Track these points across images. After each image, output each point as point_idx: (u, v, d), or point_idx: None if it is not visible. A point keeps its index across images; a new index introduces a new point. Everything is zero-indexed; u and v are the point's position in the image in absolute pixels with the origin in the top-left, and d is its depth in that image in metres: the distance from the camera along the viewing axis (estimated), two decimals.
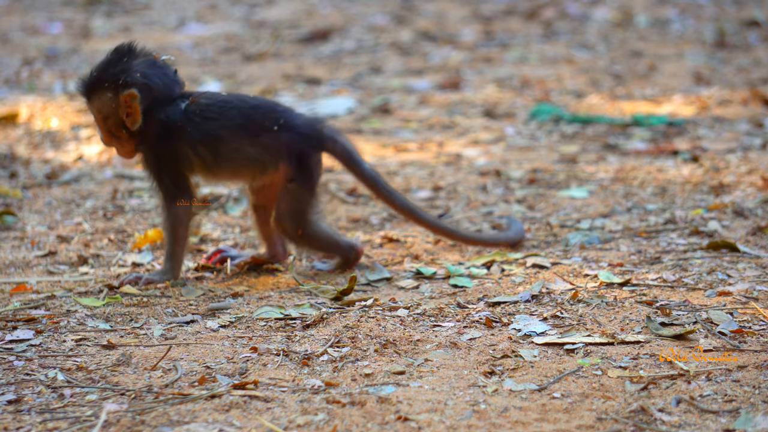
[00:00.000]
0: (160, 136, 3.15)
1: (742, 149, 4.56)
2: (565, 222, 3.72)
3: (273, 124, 3.18)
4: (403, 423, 2.32)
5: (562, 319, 2.86)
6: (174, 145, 3.15)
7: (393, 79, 6.07)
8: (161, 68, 3.17)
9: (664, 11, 7.55)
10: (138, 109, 3.11)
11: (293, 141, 3.19)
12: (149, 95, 3.12)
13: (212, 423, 2.32)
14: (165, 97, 3.15)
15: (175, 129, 3.14)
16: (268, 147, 3.18)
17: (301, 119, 3.23)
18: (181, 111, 3.14)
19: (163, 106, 3.14)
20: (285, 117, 3.20)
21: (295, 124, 3.20)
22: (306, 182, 3.22)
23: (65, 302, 3.05)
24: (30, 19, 7.95)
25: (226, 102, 3.19)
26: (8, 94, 5.84)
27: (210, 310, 3.00)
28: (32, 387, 2.51)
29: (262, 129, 3.17)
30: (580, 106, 5.40)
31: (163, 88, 3.14)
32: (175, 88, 3.18)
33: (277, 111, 3.21)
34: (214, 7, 8.20)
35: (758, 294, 2.98)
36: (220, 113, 3.16)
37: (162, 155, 3.16)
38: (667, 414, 2.34)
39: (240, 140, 3.16)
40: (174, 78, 3.19)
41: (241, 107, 3.18)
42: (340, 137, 3.27)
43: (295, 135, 3.19)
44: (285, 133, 3.18)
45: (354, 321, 2.85)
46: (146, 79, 3.12)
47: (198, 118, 3.15)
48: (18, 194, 4.14)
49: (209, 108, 3.16)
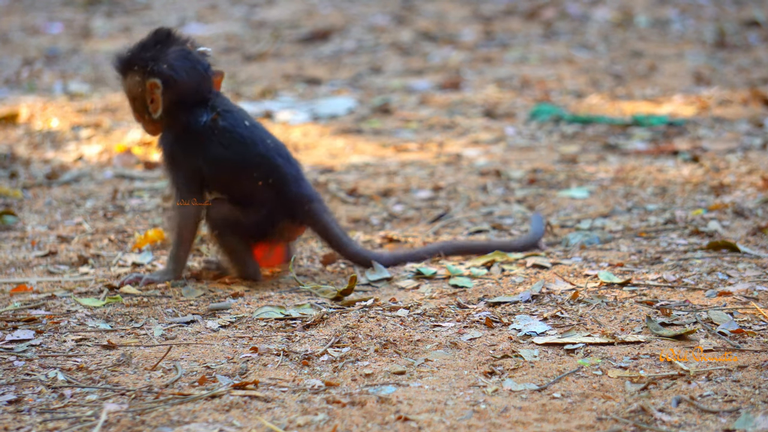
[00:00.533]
0: (179, 136, 3.16)
1: (743, 149, 4.56)
2: (566, 222, 3.72)
3: (269, 178, 3.18)
4: (403, 423, 2.32)
5: (563, 320, 2.86)
6: (188, 149, 3.16)
7: (393, 79, 6.07)
8: (192, 62, 3.15)
9: (665, 11, 7.55)
10: (160, 99, 3.13)
11: (275, 201, 3.19)
12: (174, 89, 3.13)
13: (212, 423, 2.32)
14: (192, 95, 3.15)
15: (192, 137, 3.16)
16: (257, 194, 3.18)
17: (294, 190, 3.21)
18: (201, 122, 3.15)
19: (188, 108, 3.15)
20: (282, 180, 3.19)
21: (288, 193, 3.20)
22: (255, 231, 3.21)
23: (65, 302, 3.05)
24: (30, 19, 7.95)
25: (242, 137, 3.17)
26: (8, 94, 5.84)
27: (210, 310, 3.00)
28: (32, 387, 2.51)
29: (260, 179, 3.18)
30: (580, 106, 5.40)
31: (189, 83, 3.14)
32: (204, 86, 3.17)
33: (279, 169, 3.19)
34: (214, 7, 8.20)
35: (758, 294, 2.98)
36: (230, 145, 3.16)
37: (176, 154, 3.17)
38: (668, 414, 2.34)
39: (238, 177, 3.17)
40: (204, 74, 3.17)
41: (251, 149, 3.17)
42: (324, 217, 3.25)
43: (282, 201, 3.19)
44: (275, 194, 3.19)
45: (354, 321, 2.85)
46: (173, 72, 3.12)
47: (213, 138, 3.15)
48: (18, 194, 4.14)
49: (224, 134, 3.16)
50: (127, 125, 5.20)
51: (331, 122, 5.25)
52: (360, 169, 4.48)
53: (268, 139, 3.22)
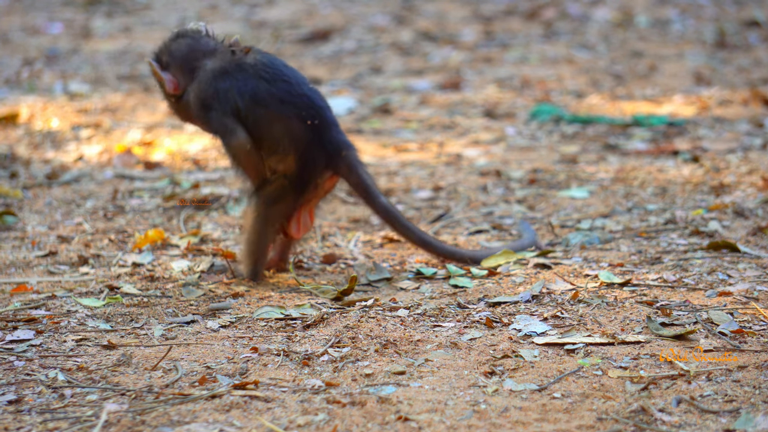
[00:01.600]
0: (204, 80, 3.18)
1: (743, 149, 4.56)
2: (566, 222, 3.72)
3: (315, 119, 3.15)
4: (404, 423, 2.32)
5: (563, 320, 2.86)
6: (220, 84, 3.16)
7: (393, 79, 6.07)
8: (180, 34, 3.26)
9: (665, 11, 7.55)
10: (159, 73, 3.21)
11: (314, 145, 3.16)
12: (168, 58, 3.22)
13: (213, 423, 2.32)
14: (192, 54, 3.21)
15: (220, 73, 3.16)
16: (292, 133, 3.15)
17: (334, 136, 3.19)
18: (227, 59, 3.16)
19: (200, 62, 3.19)
20: (324, 124, 3.16)
21: (329, 138, 3.18)
22: (297, 185, 3.20)
23: (66, 302, 3.05)
24: (30, 19, 7.95)
25: (284, 74, 3.16)
26: (8, 94, 5.84)
27: (210, 311, 3.00)
28: (33, 387, 2.51)
29: (307, 119, 3.15)
30: (580, 106, 5.40)
31: (181, 49, 3.22)
32: (201, 44, 3.22)
33: (322, 112, 3.17)
34: (214, 7, 8.20)
35: (758, 294, 2.98)
36: (273, 80, 3.14)
37: (207, 96, 3.18)
38: (668, 414, 2.34)
39: (282, 116, 3.13)
40: (195, 36, 3.23)
41: (296, 88, 3.15)
42: (359, 168, 3.23)
43: (321, 143, 3.17)
44: (313, 134, 3.16)
45: (354, 321, 2.85)
46: (163, 46, 3.26)
47: (250, 70, 3.14)
48: (18, 194, 4.14)
49: (266, 68, 3.15)
50: (127, 125, 5.20)
51: None
52: None
53: (308, 82, 3.22)
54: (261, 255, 3.22)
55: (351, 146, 3.23)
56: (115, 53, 6.89)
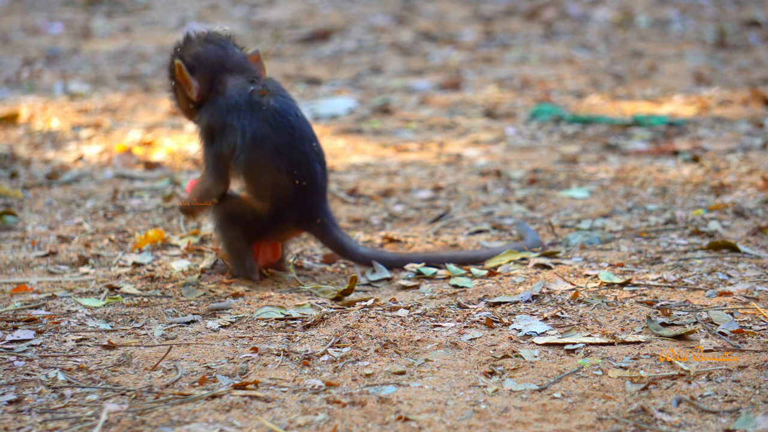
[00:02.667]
0: (219, 106, 3.14)
1: (743, 149, 4.56)
2: (566, 222, 3.72)
3: (303, 181, 3.14)
4: (404, 423, 2.32)
5: (563, 320, 2.86)
6: (229, 119, 3.13)
7: (393, 79, 6.07)
8: (209, 39, 3.21)
9: (665, 11, 7.55)
10: (187, 76, 3.15)
11: (293, 205, 3.16)
12: (197, 63, 3.17)
13: (213, 423, 2.32)
14: (219, 67, 3.17)
15: (233, 107, 3.13)
16: (280, 191, 3.14)
17: (316, 202, 3.18)
18: (246, 93, 3.13)
19: (223, 80, 3.16)
20: (311, 188, 3.15)
21: (311, 202, 3.17)
22: (258, 225, 3.19)
23: (66, 302, 3.05)
24: (30, 19, 7.95)
25: (291, 126, 3.12)
26: (9, 94, 5.84)
27: (210, 311, 3.00)
28: (33, 387, 2.51)
29: (296, 178, 3.14)
30: (580, 106, 5.40)
31: (210, 56, 3.17)
32: (230, 58, 3.19)
33: (315, 177, 3.15)
34: (214, 7, 8.20)
35: (759, 294, 2.98)
36: (278, 128, 3.11)
37: (214, 125, 3.15)
38: (668, 414, 2.34)
39: (273, 165, 3.12)
40: (226, 48, 3.20)
41: (298, 144, 3.13)
42: (334, 231, 3.23)
43: (300, 205, 3.16)
44: (297, 195, 3.15)
45: (354, 321, 2.85)
46: (190, 47, 3.20)
47: (259, 113, 3.11)
48: (18, 194, 4.14)
49: (274, 114, 3.11)
50: (127, 125, 5.20)
51: (331, 122, 5.25)
52: (360, 169, 4.48)
53: (314, 141, 3.19)
54: (243, 254, 3.22)
55: (329, 214, 3.22)
56: (115, 53, 6.89)
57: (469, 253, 3.34)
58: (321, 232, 3.23)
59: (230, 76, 3.17)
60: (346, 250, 3.25)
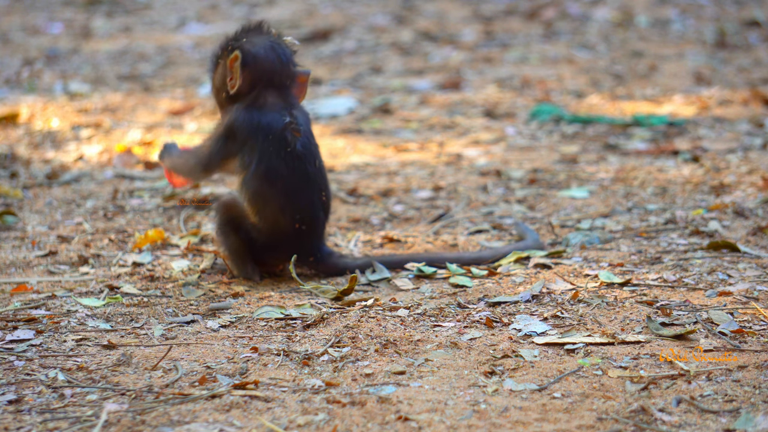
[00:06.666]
0: (247, 115, 3.14)
1: (743, 149, 4.56)
2: (566, 222, 3.72)
3: (303, 225, 3.17)
4: (404, 423, 2.32)
5: (563, 319, 2.86)
6: (250, 132, 3.13)
7: (393, 79, 6.07)
8: (273, 44, 3.17)
9: (665, 11, 7.55)
10: (239, 71, 3.12)
11: (289, 241, 3.18)
12: (253, 65, 3.13)
13: (213, 423, 2.32)
14: (268, 77, 3.14)
15: (261, 124, 3.12)
16: (278, 224, 3.16)
17: (315, 243, 3.22)
18: (280, 119, 3.12)
19: (265, 92, 3.14)
20: (310, 232, 3.18)
21: (305, 243, 3.20)
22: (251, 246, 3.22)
23: (66, 302, 3.05)
24: (30, 19, 7.95)
25: (306, 173, 3.14)
26: (9, 94, 5.84)
27: (210, 310, 3.00)
28: (33, 387, 2.51)
29: (297, 221, 3.16)
30: (580, 106, 5.40)
31: (267, 62, 3.14)
32: (283, 73, 3.16)
33: (316, 223, 3.19)
34: (214, 7, 8.20)
35: (759, 294, 2.98)
36: (293, 166, 3.12)
37: (235, 130, 3.14)
38: (668, 414, 2.34)
39: (276, 199, 3.15)
40: (284, 60, 3.17)
41: (306, 192, 3.15)
42: (332, 257, 3.26)
43: (296, 243, 3.18)
44: (295, 235, 3.17)
45: (354, 321, 2.85)
46: (251, 46, 3.15)
47: (281, 144, 3.11)
48: (18, 194, 4.14)
49: (292, 152, 3.12)
50: (127, 125, 5.20)
51: (331, 122, 5.25)
52: (360, 169, 4.48)
53: (325, 189, 3.21)
54: (243, 255, 3.23)
55: (322, 250, 3.24)
56: (115, 53, 6.89)
57: (472, 255, 3.34)
58: (314, 266, 3.27)
59: (274, 92, 3.15)
60: (341, 269, 3.28)
